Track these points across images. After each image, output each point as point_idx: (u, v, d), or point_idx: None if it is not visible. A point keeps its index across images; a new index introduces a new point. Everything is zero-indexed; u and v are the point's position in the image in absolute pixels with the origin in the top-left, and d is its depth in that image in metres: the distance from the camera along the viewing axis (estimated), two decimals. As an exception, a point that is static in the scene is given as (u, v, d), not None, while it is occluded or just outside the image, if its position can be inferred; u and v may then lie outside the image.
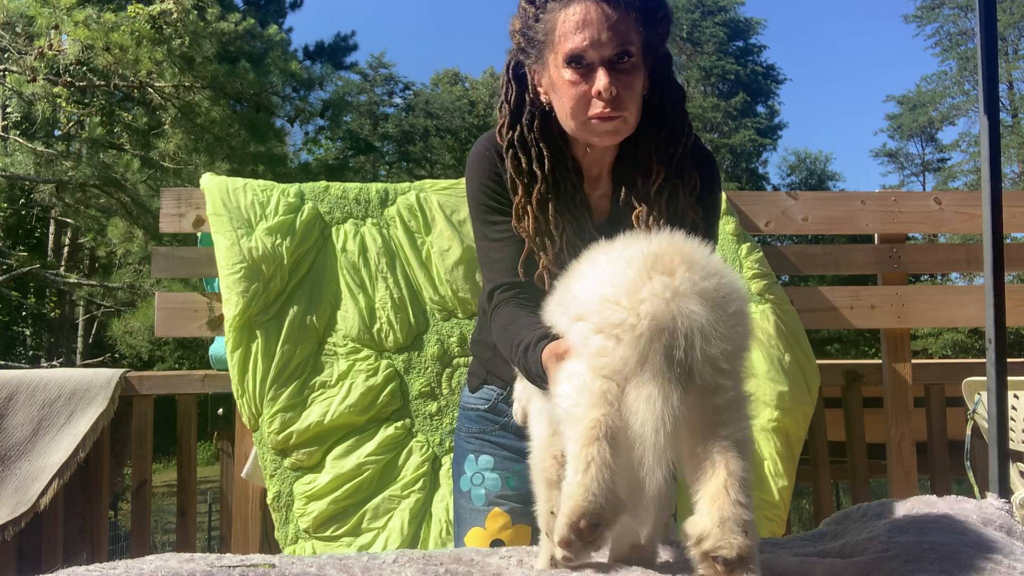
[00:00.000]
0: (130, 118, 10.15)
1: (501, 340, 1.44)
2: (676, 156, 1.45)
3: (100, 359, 11.66)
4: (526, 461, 1.43)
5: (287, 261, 2.69)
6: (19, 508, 2.50)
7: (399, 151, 28.19)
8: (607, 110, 1.36)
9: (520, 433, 1.53)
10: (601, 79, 1.34)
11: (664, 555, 1.31)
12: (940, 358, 17.16)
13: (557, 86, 1.40)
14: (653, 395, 0.95)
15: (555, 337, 1.22)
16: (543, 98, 1.46)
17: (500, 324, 1.45)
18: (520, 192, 1.45)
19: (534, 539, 1.53)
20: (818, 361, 2.84)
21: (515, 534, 1.59)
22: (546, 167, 1.44)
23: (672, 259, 1.01)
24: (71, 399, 2.68)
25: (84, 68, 8.60)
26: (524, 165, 1.45)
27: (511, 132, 1.46)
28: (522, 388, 1.41)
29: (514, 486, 1.61)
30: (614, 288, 1.02)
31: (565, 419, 1.03)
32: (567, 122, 1.42)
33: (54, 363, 11.36)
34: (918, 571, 1.14)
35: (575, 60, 1.35)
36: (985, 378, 1.84)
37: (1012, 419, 2.12)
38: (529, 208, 1.44)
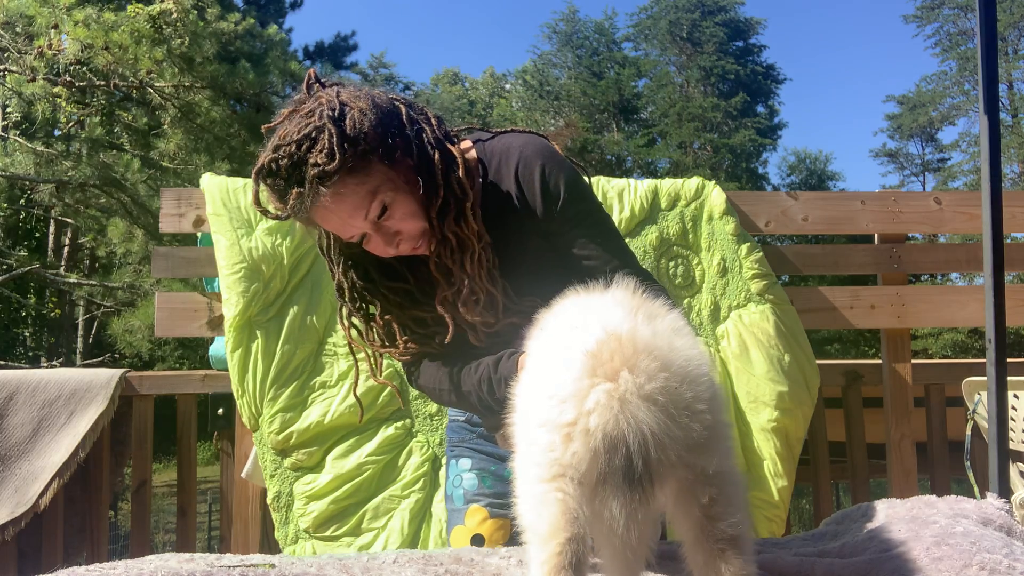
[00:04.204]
0: (130, 118, 10.14)
1: (441, 383, 1.51)
2: (453, 216, 1.40)
3: (100, 359, 11.65)
4: (502, 464, 1.48)
5: (287, 261, 2.69)
6: (19, 508, 2.50)
7: (399, 151, 28.10)
8: (396, 252, 1.42)
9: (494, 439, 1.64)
10: (379, 241, 1.39)
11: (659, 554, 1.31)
12: (940, 358, 17.17)
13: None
14: (616, 513, 0.94)
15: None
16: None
17: (431, 376, 1.52)
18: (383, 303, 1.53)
19: (512, 532, 1.56)
20: (818, 361, 2.84)
21: (493, 527, 1.65)
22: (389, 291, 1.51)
23: (613, 358, 0.96)
24: (71, 399, 2.68)
25: (84, 68, 8.59)
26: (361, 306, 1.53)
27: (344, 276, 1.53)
28: None
29: (490, 485, 1.68)
30: (557, 389, 0.99)
31: (528, 531, 1.01)
32: None
33: (54, 363, 11.37)
34: (917, 571, 1.14)
35: (358, 240, 1.41)
36: (985, 378, 1.84)
37: (1012, 419, 2.12)
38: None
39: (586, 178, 1.54)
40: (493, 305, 1.44)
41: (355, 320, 1.54)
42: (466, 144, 1.51)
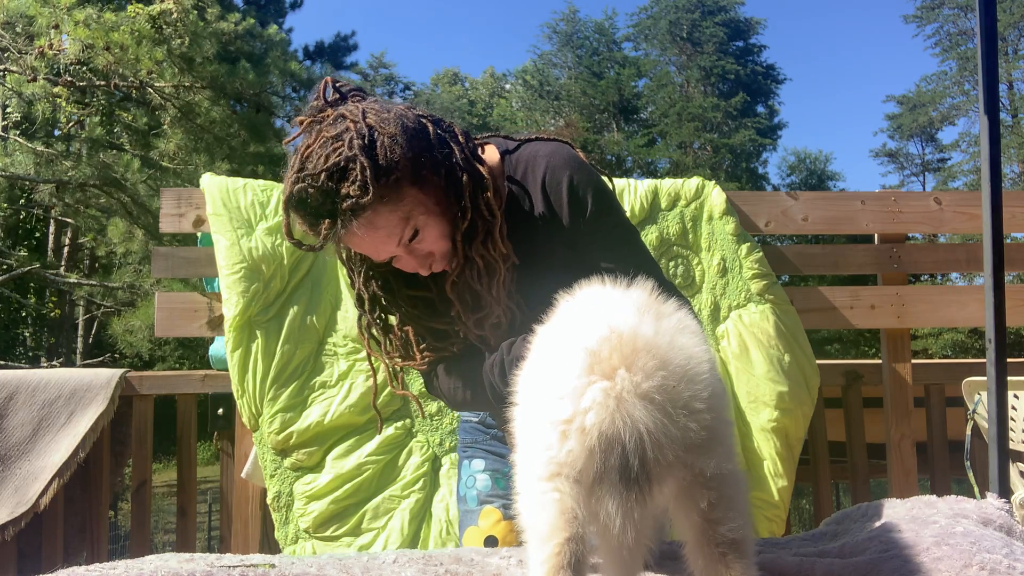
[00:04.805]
0: (130, 118, 10.14)
1: (455, 381, 1.50)
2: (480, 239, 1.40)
3: (100, 359, 11.65)
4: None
5: (287, 261, 2.70)
6: (19, 508, 2.50)
7: (399, 151, 28.10)
8: (428, 272, 1.42)
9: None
10: (410, 262, 1.39)
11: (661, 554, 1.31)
12: (940, 358, 17.16)
13: None
14: (612, 512, 0.94)
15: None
16: None
17: (447, 377, 1.52)
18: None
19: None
20: (818, 361, 2.84)
21: (506, 528, 1.64)
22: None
23: (612, 356, 0.95)
24: (71, 399, 2.68)
25: (84, 68, 8.59)
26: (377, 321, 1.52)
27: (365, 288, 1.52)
28: None
29: (503, 486, 1.68)
30: (555, 385, 0.98)
31: (527, 530, 1.01)
32: None
33: (54, 363, 11.36)
34: (917, 571, 1.14)
35: (388, 261, 1.41)
36: (985, 378, 1.84)
37: (1012, 419, 2.12)
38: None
39: (610, 184, 1.52)
40: (512, 321, 1.44)
41: (374, 331, 1.52)
42: (492, 152, 1.50)
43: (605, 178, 1.52)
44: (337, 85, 1.38)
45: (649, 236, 2.85)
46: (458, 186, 1.35)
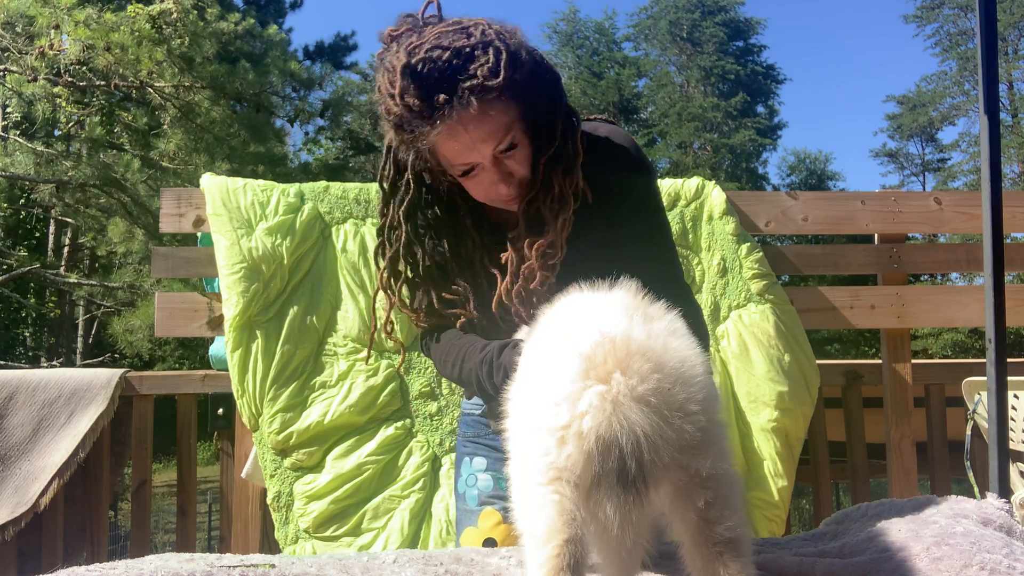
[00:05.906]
0: (130, 118, 10.14)
1: (449, 354, 1.49)
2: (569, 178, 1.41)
3: (100, 359, 11.67)
4: None
5: (287, 261, 2.70)
6: (19, 508, 2.50)
7: (399, 151, 28.10)
8: (506, 193, 1.39)
9: None
10: (491, 177, 1.36)
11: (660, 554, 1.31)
12: (940, 358, 17.16)
13: (457, 180, 1.43)
14: (610, 515, 0.95)
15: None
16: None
17: (444, 345, 1.51)
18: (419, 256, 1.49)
19: None
20: (818, 361, 2.84)
21: (506, 531, 1.62)
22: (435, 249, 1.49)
23: (606, 360, 0.96)
24: (71, 399, 2.68)
25: (84, 68, 8.59)
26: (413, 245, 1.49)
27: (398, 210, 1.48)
28: None
29: (505, 487, 1.64)
30: (551, 392, 0.99)
31: (526, 533, 1.01)
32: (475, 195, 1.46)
33: (54, 363, 11.37)
34: (917, 571, 1.14)
35: (466, 172, 1.38)
36: (985, 378, 1.84)
37: (1012, 419, 2.12)
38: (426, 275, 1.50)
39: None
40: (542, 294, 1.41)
41: (387, 263, 1.49)
42: None
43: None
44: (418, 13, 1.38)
45: (649, 236, 2.85)
46: (555, 116, 1.37)
